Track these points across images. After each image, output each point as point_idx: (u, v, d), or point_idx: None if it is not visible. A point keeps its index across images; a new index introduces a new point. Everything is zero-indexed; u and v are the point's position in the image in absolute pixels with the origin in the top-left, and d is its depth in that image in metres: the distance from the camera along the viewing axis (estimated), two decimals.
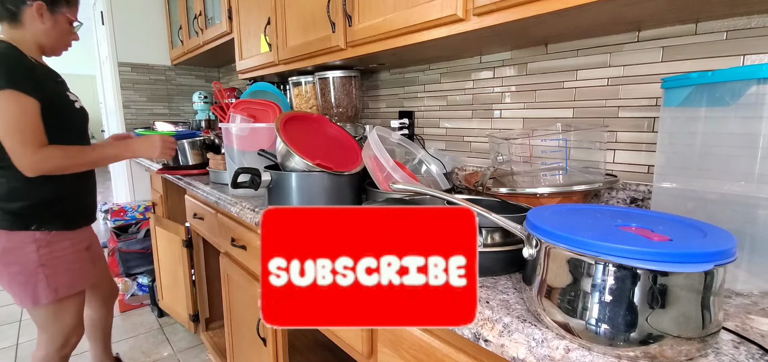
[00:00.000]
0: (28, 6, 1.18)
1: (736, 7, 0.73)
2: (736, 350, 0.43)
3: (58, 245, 1.25)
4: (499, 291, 0.59)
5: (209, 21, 2.27)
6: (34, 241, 1.20)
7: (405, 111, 1.57)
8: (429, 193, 0.73)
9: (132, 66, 2.91)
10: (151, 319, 2.48)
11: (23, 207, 1.19)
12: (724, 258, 0.40)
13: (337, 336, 0.90)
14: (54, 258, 1.24)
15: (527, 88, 1.16)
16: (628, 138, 0.96)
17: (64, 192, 1.25)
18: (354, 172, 1.04)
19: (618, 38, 0.96)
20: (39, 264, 1.21)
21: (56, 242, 1.25)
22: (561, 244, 0.46)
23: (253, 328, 1.32)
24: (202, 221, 1.68)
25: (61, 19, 1.25)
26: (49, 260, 1.23)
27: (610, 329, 0.42)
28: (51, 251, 1.23)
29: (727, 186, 0.59)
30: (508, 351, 0.49)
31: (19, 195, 1.18)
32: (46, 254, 1.22)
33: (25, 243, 1.20)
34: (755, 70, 0.55)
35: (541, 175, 0.90)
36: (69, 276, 1.28)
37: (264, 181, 1.01)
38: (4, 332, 2.37)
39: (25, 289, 1.21)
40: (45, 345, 1.32)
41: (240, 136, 1.25)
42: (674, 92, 0.67)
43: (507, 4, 0.81)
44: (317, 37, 1.35)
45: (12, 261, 1.19)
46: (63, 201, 1.26)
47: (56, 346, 1.33)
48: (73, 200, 1.29)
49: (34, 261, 1.20)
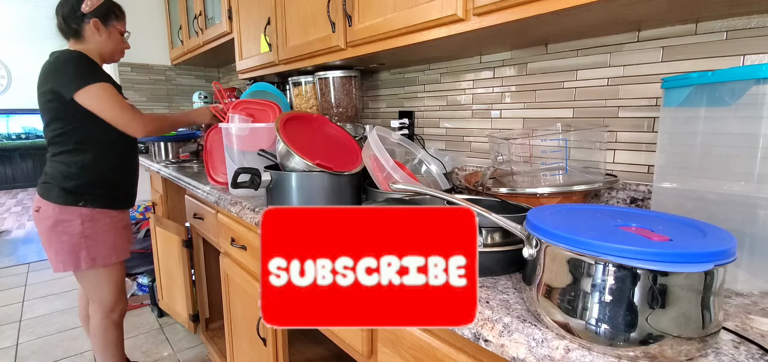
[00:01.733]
0: (87, 22, 1.42)
1: (736, 7, 0.73)
2: (736, 350, 0.43)
3: (100, 221, 1.47)
4: (499, 291, 0.59)
5: (209, 21, 2.27)
6: (80, 216, 1.43)
7: (405, 111, 1.57)
8: (429, 193, 0.73)
9: (132, 66, 2.91)
10: (151, 319, 2.48)
11: (75, 186, 1.41)
12: (724, 258, 0.40)
13: (337, 336, 0.90)
14: (95, 231, 1.46)
15: (527, 88, 1.16)
16: (628, 138, 0.96)
17: (108, 176, 1.48)
18: (354, 172, 1.04)
19: (618, 38, 0.95)
20: (82, 235, 1.43)
21: (98, 218, 1.46)
22: (561, 244, 0.46)
23: (253, 328, 1.32)
24: (202, 221, 1.68)
25: (114, 31, 1.49)
26: (91, 233, 1.45)
27: (610, 329, 0.42)
28: (93, 225, 1.45)
29: (727, 186, 0.59)
30: (508, 351, 0.49)
31: (73, 176, 1.41)
32: (89, 227, 1.44)
33: (74, 216, 1.42)
34: (755, 70, 0.55)
35: (541, 175, 0.90)
36: (106, 248, 1.49)
37: (264, 181, 1.01)
38: (4, 332, 2.37)
39: (69, 256, 1.43)
40: (96, 312, 1.57)
41: (240, 136, 1.25)
42: (674, 92, 0.67)
43: (507, 4, 0.81)
44: (317, 37, 1.35)
45: (62, 230, 1.41)
46: (107, 184, 1.48)
47: (105, 311, 1.57)
48: (116, 184, 1.52)
49: (78, 232, 1.42)
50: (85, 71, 1.36)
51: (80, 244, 1.43)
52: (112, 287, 1.56)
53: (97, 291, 1.54)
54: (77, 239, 1.42)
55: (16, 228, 4.66)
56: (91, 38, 1.44)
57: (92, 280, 1.52)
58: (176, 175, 1.83)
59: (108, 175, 1.48)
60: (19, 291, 2.93)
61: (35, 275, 3.24)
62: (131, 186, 1.62)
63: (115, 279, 1.57)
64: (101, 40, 1.46)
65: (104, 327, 1.58)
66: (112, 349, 1.63)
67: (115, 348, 1.63)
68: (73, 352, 2.15)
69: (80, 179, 1.42)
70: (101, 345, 1.60)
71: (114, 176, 1.51)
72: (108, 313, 1.58)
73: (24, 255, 3.70)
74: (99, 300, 1.55)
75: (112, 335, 1.61)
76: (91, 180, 1.44)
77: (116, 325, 1.62)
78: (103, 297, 1.55)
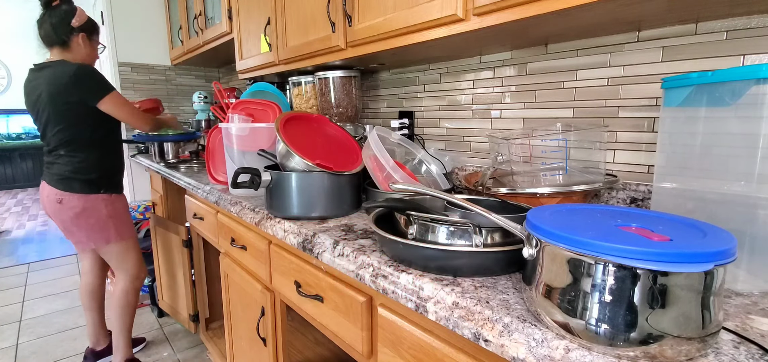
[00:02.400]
0: (75, 35, 1.64)
1: (736, 7, 0.73)
2: (736, 350, 0.43)
3: (118, 204, 1.78)
4: (499, 291, 0.59)
5: (209, 21, 2.27)
6: (103, 201, 1.71)
7: (405, 111, 1.57)
8: (429, 193, 0.73)
9: (132, 66, 2.91)
10: (151, 319, 2.48)
11: (96, 177, 1.68)
12: (724, 258, 0.40)
13: (337, 336, 0.90)
14: (117, 212, 1.76)
15: (527, 88, 1.16)
16: (628, 138, 0.96)
17: (117, 167, 1.81)
18: (354, 172, 1.04)
19: (618, 38, 0.96)
20: (108, 216, 1.72)
21: (116, 202, 1.77)
22: (561, 244, 0.46)
23: (253, 328, 1.32)
24: (202, 221, 1.68)
25: (95, 44, 1.74)
26: (114, 213, 1.75)
27: (610, 329, 0.42)
28: (114, 208, 1.75)
29: (727, 186, 0.59)
30: (508, 351, 0.49)
31: (93, 169, 1.68)
32: (111, 210, 1.74)
33: (98, 202, 1.69)
34: (755, 70, 0.55)
35: (541, 175, 0.90)
36: (127, 225, 1.82)
37: (264, 181, 1.01)
38: (4, 332, 2.37)
39: (101, 234, 1.72)
40: (122, 279, 1.84)
41: (240, 136, 1.25)
42: (674, 92, 0.67)
43: (507, 4, 0.81)
44: (317, 37, 1.35)
45: (90, 215, 1.68)
46: (116, 173, 1.80)
47: (130, 277, 1.85)
48: (120, 172, 1.83)
49: (105, 214, 1.71)
50: (104, 81, 1.62)
51: (108, 223, 1.72)
52: (136, 256, 1.86)
53: (125, 262, 1.83)
54: (105, 219, 1.71)
55: (16, 228, 4.66)
56: (76, 49, 1.65)
57: (119, 253, 1.80)
58: (176, 174, 1.83)
59: (115, 165, 1.80)
60: (19, 291, 2.93)
61: (35, 275, 3.23)
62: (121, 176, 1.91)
63: (137, 249, 1.88)
64: (85, 52, 1.68)
65: (127, 291, 1.85)
66: (129, 311, 1.88)
67: (131, 310, 1.89)
68: (73, 352, 2.15)
69: (98, 171, 1.69)
70: (122, 306, 1.85)
71: (118, 166, 1.83)
72: (133, 280, 1.86)
73: (24, 255, 3.70)
74: (125, 269, 1.84)
75: (132, 299, 1.88)
76: (106, 171, 1.73)
77: (137, 292, 1.89)
78: (129, 267, 1.84)
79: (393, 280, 0.67)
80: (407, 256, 0.68)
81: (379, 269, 0.70)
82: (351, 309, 0.84)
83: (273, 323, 1.20)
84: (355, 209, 1.06)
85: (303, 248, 0.90)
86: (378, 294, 0.78)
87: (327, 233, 0.88)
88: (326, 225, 0.94)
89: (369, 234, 0.87)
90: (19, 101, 6.79)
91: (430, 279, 0.63)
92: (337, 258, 0.80)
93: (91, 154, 1.67)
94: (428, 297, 0.60)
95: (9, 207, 5.79)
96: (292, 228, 0.95)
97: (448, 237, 0.68)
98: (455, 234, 0.68)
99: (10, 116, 7.08)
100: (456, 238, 0.67)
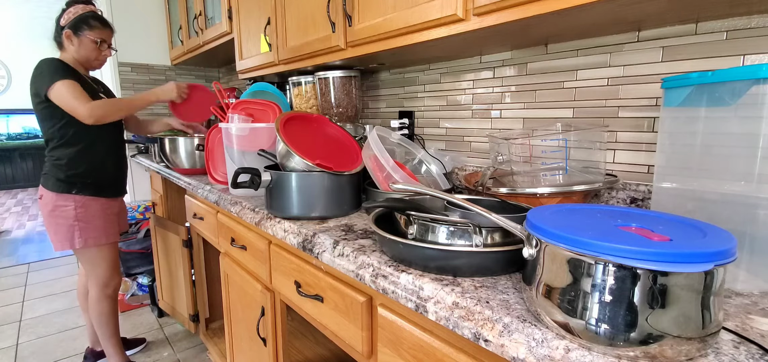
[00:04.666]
0: (65, 33, 1.61)
1: (736, 7, 0.73)
2: (736, 350, 0.43)
3: (91, 207, 1.68)
4: (499, 291, 0.59)
5: (209, 21, 2.27)
6: (74, 202, 1.64)
7: (405, 111, 1.57)
8: (429, 193, 0.73)
9: (132, 66, 2.91)
10: (151, 319, 2.48)
11: (68, 176, 1.62)
12: (724, 258, 0.40)
13: (337, 336, 0.90)
14: (87, 216, 1.67)
15: (527, 88, 1.16)
16: (628, 138, 0.96)
17: (97, 168, 1.68)
18: (354, 172, 1.04)
19: (618, 38, 0.96)
20: (75, 219, 1.64)
21: (89, 205, 1.67)
22: (561, 244, 0.46)
23: (253, 328, 1.32)
24: (202, 221, 1.68)
25: (84, 40, 1.64)
26: (82, 217, 1.66)
27: (610, 329, 0.42)
28: (85, 211, 1.66)
29: (727, 186, 0.59)
30: (508, 351, 0.49)
31: (64, 168, 1.62)
32: (81, 212, 1.65)
33: (68, 203, 1.63)
34: (755, 70, 0.55)
35: (541, 175, 0.90)
36: (97, 231, 1.70)
37: (264, 181, 1.01)
38: (4, 332, 2.37)
39: (65, 236, 1.65)
40: (93, 285, 1.78)
41: (240, 136, 1.25)
42: (674, 92, 0.67)
43: (507, 4, 0.81)
44: (317, 37, 1.35)
45: (59, 215, 1.63)
46: (96, 174, 1.69)
47: (100, 285, 1.78)
48: (104, 174, 1.71)
49: (71, 216, 1.64)
50: (52, 71, 1.53)
51: (73, 227, 1.64)
52: (106, 265, 1.77)
53: (93, 269, 1.75)
54: (71, 222, 1.64)
55: (16, 228, 4.66)
56: (68, 47, 1.63)
57: (88, 259, 1.73)
58: (176, 174, 1.83)
59: (97, 166, 1.68)
60: (19, 291, 2.93)
61: (35, 275, 3.24)
62: (120, 178, 1.82)
63: (108, 258, 1.77)
64: (75, 49, 1.63)
65: (99, 299, 1.79)
66: (105, 319, 1.82)
67: (108, 319, 1.83)
68: (73, 352, 2.15)
69: (71, 170, 1.62)
70: (96, 315, 1.81)
71: (102, 167, 1.70)
72: (102, 288, 1.78)
73: (24, 255, 3.70)
74: (95, 276, 1.76)
75: (106, 307, 1.81)
76: (82, 170, 1.64)
77: (110, 299, 1.81)
78: (97, 274, 1.76)
79: (393, 280, 0.67)
80: (407, 256, 0.68)
81: (379, 269, 0.70)
82: (351, 309, 0.84)
83: (273, 323, 1.20)
84: (355, 209, 1.06)
85: (303, 248, 0.90)
86: (378, 294, 0.78)
87: (327, 233, 0.88)
88: (326, 225, 0.94)
89: (369, 234, 0.87)
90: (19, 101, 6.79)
91: (430, 279, 0.63)
92: (337, 258, 0.80)
93: (64, 153, 1.62)
94: (428, 297, 0.60)
95: (9, 207, 5.79)
96: (292, 228, 0.95)
97: (448, 237, 0.68)
98: (455, 234, 0.68)
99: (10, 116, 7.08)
100: (456, 238, 0.67)
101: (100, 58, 1.71)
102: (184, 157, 1.84)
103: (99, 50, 1.68)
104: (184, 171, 1.81)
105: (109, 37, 1.72)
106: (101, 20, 1.68)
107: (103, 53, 1.71)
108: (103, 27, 1.68)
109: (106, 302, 1.80)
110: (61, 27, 1.62)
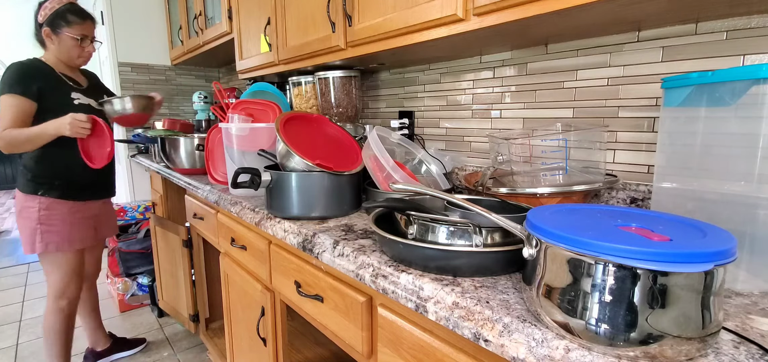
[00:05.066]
0: (43, 31, 1.54)
1: (736, 7, 0.73)
2: (736, 350, 0.43)
3: (55, 210, 1.59)
4: (499, 291, 0.59)
5: (209, 21, 2.27)
6: (39, 204, 1.57)
7: (405, 111, 1.57)
8: (429, 193, 0.73)
9: (132, 66, 2.91)
10: (151, 319, 2.48)
11: (33, 177, 1.56)
12: (724, 258, 0.40)
13: (337, 336, 0.90)
14: (50, 219, 1.58)
15: (527, 88, 1.16)
16: (628, 138, 0.96)
17: (62, 170, 1.59)
18: (354, 172, 1.04)
19: (618, 38, 0.96)
20: (38, 222, 1.57)
21: (54, 208, 1.59)
22: (561, 244, 0.46)
23: (253, 328, 1.32)
24: (202, 221, 1.68)
25: (64, 38, 1.56)
26: (45, 220, 1.58)
27: (610, 329, 0.42)
28: (48, 214, 1.58)
29: (727, 186, 0.59)
30: (508, 351, 0.49)
31: (30, 168, 1.57)
32: (44, 215, 1.57)
33: (33, 204, 1.57)
34: (755, 70, 0.55)
35: (541, 175, 0.90)
36: (59, 237, 1.60)
37: (264, 181, 1.01)
38: (4, 332, 2.37)
39: (28, 239, 1.58)
40: (49, 295, 1.66)
41: (240, 136, 1.25)
42: (674, 92, 0.67)
43: (507, 4, 0.81)
44: (317, 37, 1.35)
45: (26, 216, 1.57)
46: (62, 177, 1.59)
47: (54, 294, 1.65)
48: (71, 177, 1.61)
49: (35, 219, 1.57)
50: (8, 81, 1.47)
51: (35, 230, 1.57)
52: (62, 273, 1.64)
53: (49, 275, 1.65)
54: (33, 225, 1.57)
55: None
56: (48, 45, 1.57)
57: (46, 264, 1.64)
58: (176, 174, 1.83)
59: (62, 168, 1.59)
60: (19, 291, 2.93)
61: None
62: (95, 180, 1.70)
63: (66, 267, 1.65)
64: (54, 47, 1.56)
65: (50, 310, 1.66)
66: (53, 336, 1.68)
67: (56, 336, 1.68)
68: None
69: (36, 171, 1.57)
70: (44, 329, 1.68)
71: (68, 170, 1.60)
72: (56, 299, 1.65)
73: (24, 256, 3.70)
74: (49, 284, 1.65)
75: (56, 322, 1.66)
76: (47, 173, 1.57)
77: (62, 313, 1.67)
78: (51, 282, 1.65)
79: (393, 280, 0.67)
80: (407, 256, 0.68)
81: (379, 269, 0.70)
82: (351, 309, 0.84)
83: (273, 323, 1.20)
84: (355, 209, 1.06)
85: (303, 248, 0.90)
86: (378, 294, 0.78)
87: (327, 233, 0.88)
88: (326, 225, 0.94)
89: (369, 234, 0.87)
90: None
91: (430, 279, 0.63)
92: (337, 258, 0.80)
93: (32, 154, 1.56)
94: (428, 297, 0.60)
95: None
96: (292, 228, 0.95)
97: (448, 237, 0.68)
98: (455, 234, 0.68)
99: None
100: (456, 238, 0.67)
101: (84, 55, 1.62)
102: (184, 157, 1.82)
103: (81, 47, 1.59)
104: (184, 171, 1.81)
105: (91, 30, 1.62)
106: (79, 13, 1.58)
107: (86, 49, 1.61)
108: (82, 21, 1.58)
109: (57, 315, 1.66)
110: (39, 24, 1.54)
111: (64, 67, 1.62)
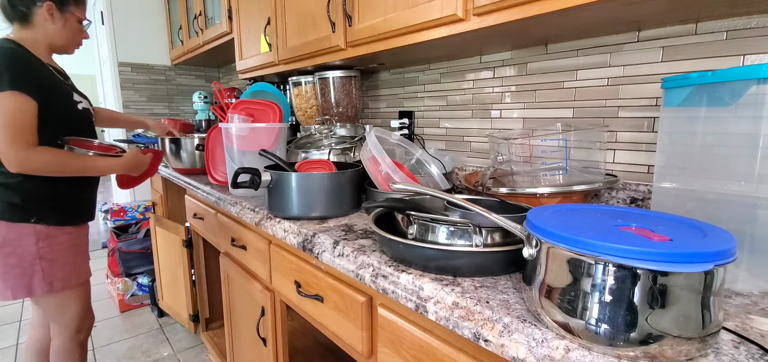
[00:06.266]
0: (39, 6, 1.19)
1: (736, 7, 0.73)
2: (736, 350, 0.43)
3: (57, 239, 1.26)
4: (499, 291, 0.59)
5: (209, 21, 2.27)
6: (34, 234, 1.21)
7: (405, 111, 1.57)
8: (429, 193, 0.73)
9: (132, 66, 2.91)
10: (151, 319, 2.48)
11: (21, 201, 1.18)
12: (724, 258, 0.40)
13: (337, 336, 0.90)
14: (52, 251, 1.24)
15: (527, 88, 1.16)
16: (628, 138, 0.96)
17: (59, 187, 1.24)
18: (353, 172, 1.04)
19: (618, 38, 0.96)
20: (37, 257, 1.22)
21: (56, 236, 1.25)
22: (561, 244, 0.46)
23: (253, 328, 1.32)
24: (202, 221, 1.68)
25: (71, 18, 1.27)
26: (46, 254, 1.23)
27: (610, 329, 0.42)
28: (50, 245, 1.24)
29: (727, 186, 0.59)
30: (508, 351, 0.49)
31: (17, 190, 1.18)
32: (44, 248, 1.23)
33: (25, 235, 1.20)
34: (755, 70, 0.55)
35: (541, 175, 0.90)
36: (66, 270, 1.28)
37: (264, 181, 1.01)
38: (4, 332, 2.37)
39: (20, 281, 1.21)
40: (59, 334, 1.36)
41: (240, 136, 1.25)
42: (674, 92, 0.67)
43: (507, 4, 0.81)
44: (317, 37, 1.35)
45: (11, 251, 1.19)
46: (60, 196, 1.25)
47: (70, 334, 1.36)
48: (70, 195, 1.28)
49: (32, 253, 1.21)
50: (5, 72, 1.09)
51: (34, 267, 1.21)
52: (79, 307, 1.36)
53: (60, 315, 1.33)
54: (31, 261, 1.21)
55: None
56: (41, 25, 1.21)
57: (55, 307, 1.31)
58: (176, 174, 1.83)
59: (59, 185, 1.24)
60: None
61: None
62: (93, 198, 1.41)
63: (81, 298, 1.36)
64: (54, 29, 1.24)
65: (69, 350, 1.37)
66: None
67: None
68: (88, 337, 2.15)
69: (24, 194, 1.18)
70: None
71: (65, 186, 1.26)
72: (74, 335, 1.37)
73: None
74: (64, 324, 1.34)
75: (78, 356, 1.41)
76: (40, 192, 1.21)
77: (82, 346, 1.42)
78: (67, 322, 1.34)
79: (393, 280, 0.67)
80: (407, 256, 0.68)
81: (379, 269, 0.70)
82: (351, 309, 0.84)
83: (273, 323, 1.20)
84: (355, 209, 1.06)
85: (303, 248, 0.90)
86: (378, 294, 0.78)
87: (327, 233, 0.88)
88: (326, 225, 0.94)
89: (369, 234, 0.87)
90: None
91: (430, 279, 0.63)
92: (337, 258, 0.80)
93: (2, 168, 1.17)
94: (428, 297, 0.60)
95: None
96: (292, 228, 0.95)
97: (448, 237, 0.68)
98: (455, 234, 0.68)
99: None
100: (456, 238, 0.67)
101: (79, 44, 1.35)
102: (184, 156, 1.82)
103: (81, 33, 1.33)
104: (184, 171, 1.81)
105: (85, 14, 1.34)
106: None
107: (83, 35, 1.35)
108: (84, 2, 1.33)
109: (77, 351, 1.40)
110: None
111: (47, 55, 1.27)
